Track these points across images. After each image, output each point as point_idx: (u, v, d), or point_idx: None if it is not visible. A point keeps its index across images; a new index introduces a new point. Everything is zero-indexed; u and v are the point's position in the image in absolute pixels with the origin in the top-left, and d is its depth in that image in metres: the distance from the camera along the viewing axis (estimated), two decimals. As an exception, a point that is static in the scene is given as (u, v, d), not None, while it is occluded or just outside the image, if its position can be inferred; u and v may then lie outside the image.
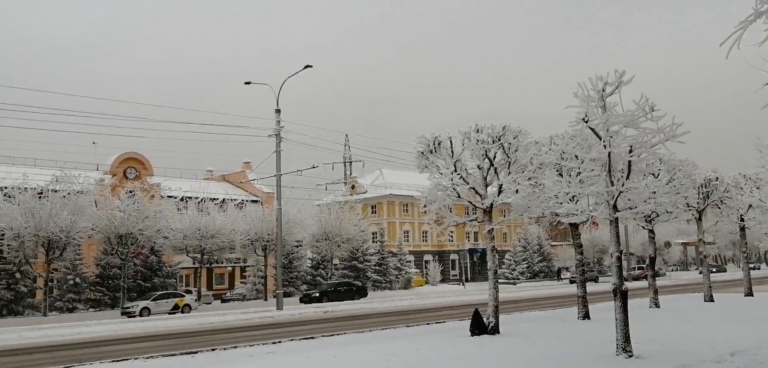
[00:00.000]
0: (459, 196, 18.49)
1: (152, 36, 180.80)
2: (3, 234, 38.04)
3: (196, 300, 41.84)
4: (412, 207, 78.02)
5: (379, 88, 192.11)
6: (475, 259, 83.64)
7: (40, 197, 38.74)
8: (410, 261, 70.56)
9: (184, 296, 40.89)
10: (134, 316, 35.77)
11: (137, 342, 20.83)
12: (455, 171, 18.32)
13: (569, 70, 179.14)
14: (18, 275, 39.19)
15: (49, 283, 39.87)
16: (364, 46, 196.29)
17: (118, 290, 42.56)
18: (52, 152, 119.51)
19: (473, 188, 18.58)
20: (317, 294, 44.94)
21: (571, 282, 59.58)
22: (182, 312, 38.82)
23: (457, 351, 14.38)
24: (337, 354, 14.63)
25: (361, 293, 47.75)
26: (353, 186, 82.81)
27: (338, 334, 21.06)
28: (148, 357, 16.39)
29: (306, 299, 44.73)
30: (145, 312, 37.07)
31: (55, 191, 39.25)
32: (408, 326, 23.11)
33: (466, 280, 76.53)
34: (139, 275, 45.05)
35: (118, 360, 16.01)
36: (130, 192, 44.29)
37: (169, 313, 37.92)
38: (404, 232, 77.77)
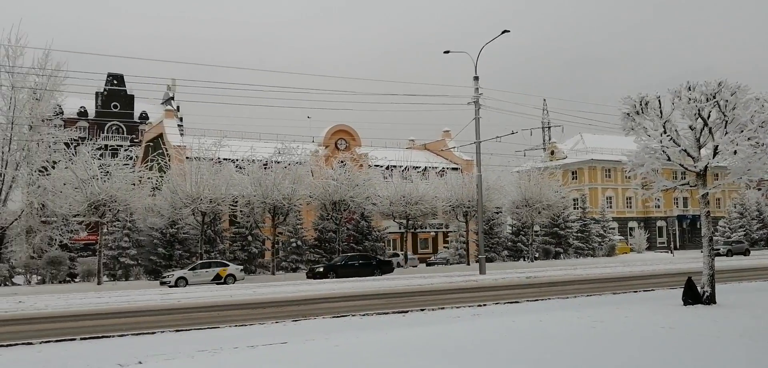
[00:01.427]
0: (669, 159, 17.60)
1: (355, 11, 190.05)
2: (236, 202, 43.22)
3: (241, 269, 38.16)
4: (615, 172, 74.46)
5: (578, 49, 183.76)
6: (684, 226, 77.72)
7: (265, 168, 43.30)
8: (613, 228, 67.59)
9: (227, 265, 37.50)
10: (170, 286, 34.16)
11: (351, 301, 22.66)
12: (665, 132, 17.43)
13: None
14: (250, 238, 44.49)
15: (275, 246, 44.67)
16: (562, 6, 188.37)
17: (334, 252, 46.40)
18: (274, 126, 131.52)
19: (684, 150, 17.56)
20: (321, 269, 39.08)
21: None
22: (225, 282, 35.56)
23: (668, 320, 13.90)
24: (542, 318, 14.92)
25: (383, 268, 40.65)
26: (552, 152, 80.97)
27: (542, 299, 21.26)
28: (364, 314, 17.97)
29: (311, 273, 39.17)
30: (182, 282, 34.68)
31: (278, 162, 43.63)
32: (614, 293, 22.57)
33: (675, 248, 71.42)
34: (352, 239, 48.65)
35: (337, 316, 17.72)
36: (342, 162, 47.87)
37: (211, 283, 35.32)
38: (607, 198, 74.63)
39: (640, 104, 18.23)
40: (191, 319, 17.95)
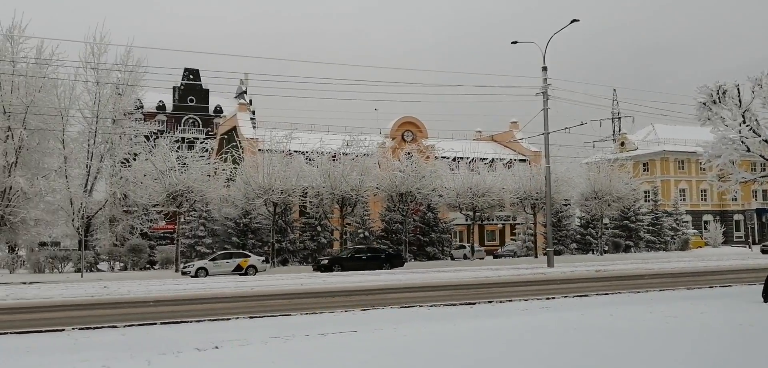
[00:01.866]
0: (748, 150, 17.06)
1: (422, 1, 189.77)
2: (306, 193, 44.22)
3: (263, 261, 37.10)
4: (688, 163, 71.91)
5: (649, 37, 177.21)
6: (764, 220, 74.21)
7: (333, 160, 44.11)
8: (687, 222, 65.39)
9: (248, 256, 36.50)
10: (191, 276, 33.42)
11: (419, 291, 22.84)
12: (744, 122, 16.89)
13: None
14: (319, 228, 45.47)
15: (343, 236, 45.45)
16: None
17: (400, 243, 46.79)
18: (342, 119, 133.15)
19: (766, 141, 16.95)
20: (325, 262, 37.31)
21: None
22: (246, 273, 34.57)
23: (747, 317, 13.44)
24: (612, 312, 14.73)
25: (393, 261, 38.56)
26: (623, 143, 78.88)
27: (612, 293, 20.91)
28: (431, 305, 18.18)
29: (316, 266, 37.76)
30: (202, 272, 33.98)
31: (346, 154, 44.35)
32: (688, 289, 21.97)
33: (753, 243, 68.25)
34: (418, 230, 48.91)
35: (404, 307, 18.01)
36: (408, 153, 48.14)
37: (231, 274, 34.40)
38: (680, 191, 72.22)
39: (717, 93, 17.69)
40: (264, 306, 18.60)
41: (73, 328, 14.50)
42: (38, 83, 38.49)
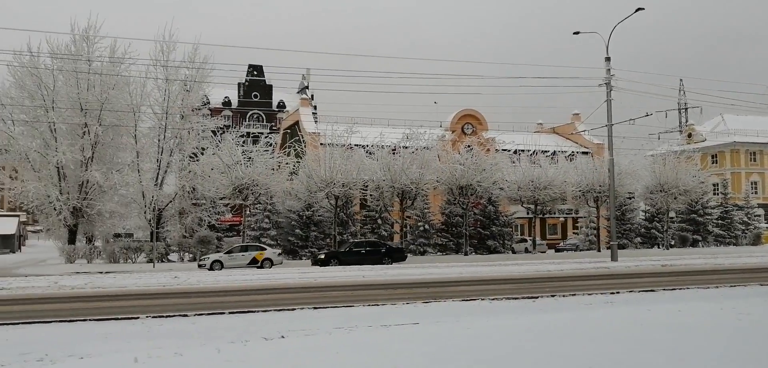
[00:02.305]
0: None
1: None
2: (366, 186, 44.64)
3: (279, 253, 37.11)
4: (761, 155, 68.93)
5: (717, 25, 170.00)
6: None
7: (393, 153, 44.36)
8: (759, 215, 62.55)
9: (264, 249, 36.44)
10: (207, 269, 33.33)
11: (481, 285, 22.85)
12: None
13: None
14: (379, 221, 45.85)
15: (404, 229, 45.69)
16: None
17: (461, 237, 46.68)
18: (401, 112, 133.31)
19: None
20: (322, 257, 36.06)
21: None
22: (262, 266, 34.38)
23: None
24: (680, 308, 14.39)
25: (394, 256, 37.27)
26: (690, 135, 76.28)
27: (679, 289, 20.37)
28: (493, 299, 18.15)
29: (314, 260, 36.82)
30: (217, 265, 33.79)
31: (405, 147, 44.56)
32: (761, 285, 21.14)
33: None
34: (479, 223, 48.67)
35: (466, 300, 18.04)
36: (468, 146, 47.93)
37: (247, 267, 34.21)
38: (751, 183, 69.35)
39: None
40: (327, 297, 19.00)
41: (146, 316, 15.16)
42: (112, 81, 40.45)
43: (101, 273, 32.32)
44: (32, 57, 39.85)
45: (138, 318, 15.01)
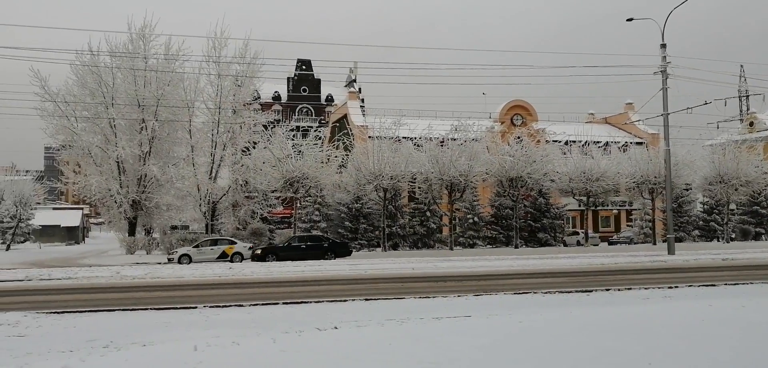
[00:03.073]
0: None
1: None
2: (415, 179, 44.65)
3: (249, 248, 36.24)
4: (828, 144, 65.73)
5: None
6: None
7: (441, 145, 44.22)
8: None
9: (234, 243, 36.05)
10: (175, 262, 33.08)
11: (533, 278, 22.63)
12: None
13: None
14: (428, 213, 45.82)
15: (453, 222, 45.54)
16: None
17: (511, 229, 46.24)
18: (450, 104, 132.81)
19: None
20: (259, 252, 34.61)
21: None
22: (232, 261, 33.96)
23: None
24: (744, 304, 13.92)
25: (337, 251, 35.62)
26: (751, 123, 73.43)
27: (742, 283, 19.73)
28: (545, 292, 17.96)
29: (251, 256, 35.08)
30: (185, 259, 33.71)
31: (454, 139, 44.35)
32: (831, 281, 20.27)
33: None
34: (529, 216, 48.10)
35: (518, 293, 17.88)
36: (518, 138, 47.38)
37: (216, 261, 33.78)
38: (821, 174, 66.22)
39: None
40: (378, 289, 19.13)
41: (204, 306, 15.59)
42: (167, 77, 41.67)
43: (159, 264, 33.32)
44: (93, 56, 41.48)
45: (196, 307, 15.44)
